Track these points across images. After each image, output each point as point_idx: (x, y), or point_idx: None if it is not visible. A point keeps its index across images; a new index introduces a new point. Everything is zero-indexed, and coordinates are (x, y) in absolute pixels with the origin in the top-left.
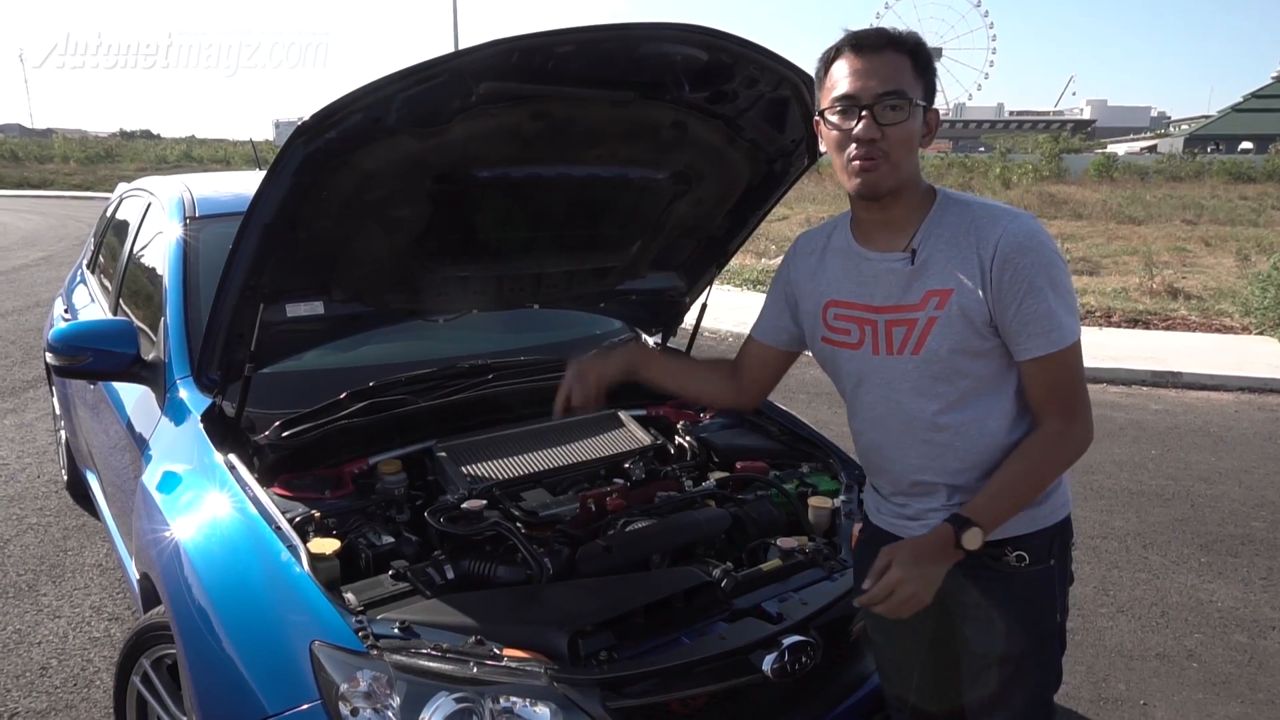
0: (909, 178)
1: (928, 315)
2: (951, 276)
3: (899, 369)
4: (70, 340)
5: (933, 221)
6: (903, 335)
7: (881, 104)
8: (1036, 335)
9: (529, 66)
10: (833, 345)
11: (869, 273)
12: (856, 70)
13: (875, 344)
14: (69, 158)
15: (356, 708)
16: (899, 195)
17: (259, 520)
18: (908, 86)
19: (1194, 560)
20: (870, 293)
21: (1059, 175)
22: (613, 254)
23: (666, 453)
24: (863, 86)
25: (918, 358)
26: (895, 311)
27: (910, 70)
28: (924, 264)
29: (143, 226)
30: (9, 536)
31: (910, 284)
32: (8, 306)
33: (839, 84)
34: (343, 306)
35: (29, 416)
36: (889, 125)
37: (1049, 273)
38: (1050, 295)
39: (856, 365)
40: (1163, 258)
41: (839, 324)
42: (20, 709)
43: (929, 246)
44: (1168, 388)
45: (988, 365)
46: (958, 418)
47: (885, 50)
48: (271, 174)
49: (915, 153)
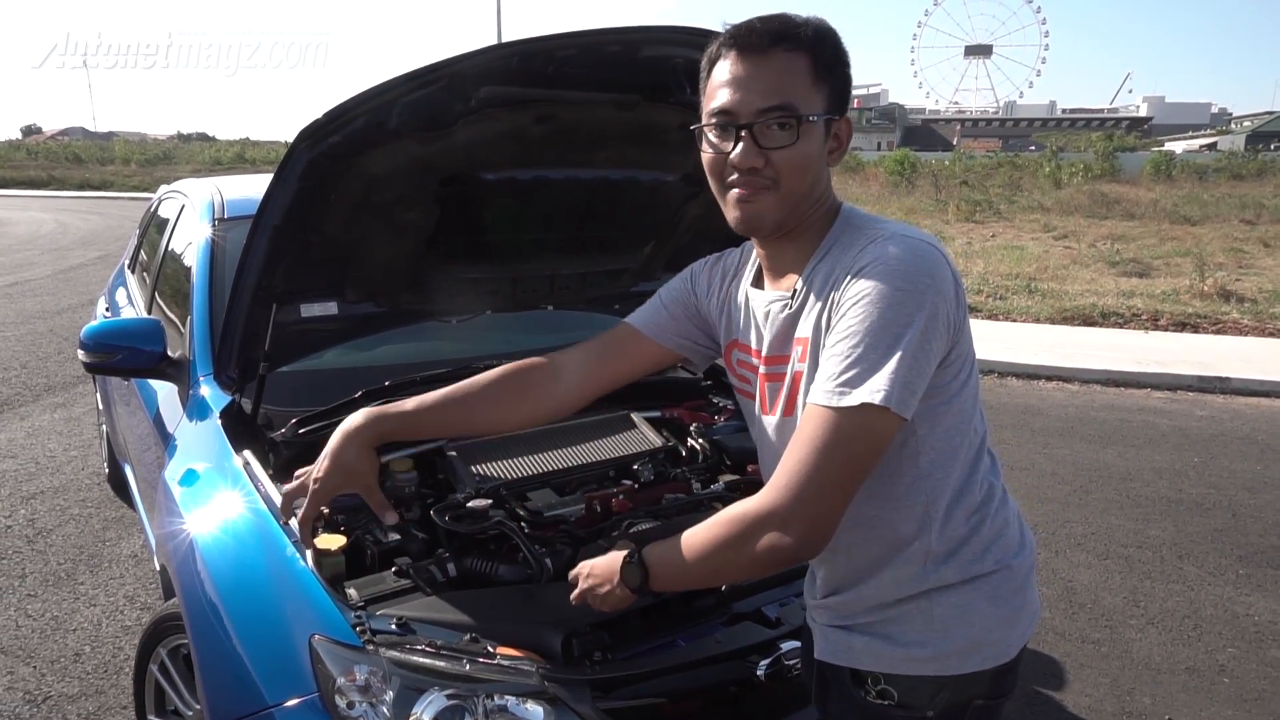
0: (804, 207)
1: (793, 370)
2: (809, 321)
3: (776, 431)
4: (101, 338)
5: (821, 253)
6: (775, 391)
7: (764, 122)
8: (823, 379)
9: (530, 71)
10: (739, 393)
11: (759, 314)
12: (736, 78)
13: (762, 398)
14: (129, 160)
15: (352, 701)
16: (794, 230)
17: (268, 516)
18: (800, 98)
19: (1232, 572)
20: (758, 337)
21: (1113, 174)
22: (625, 256)
23: (678, 455)
24: (741, 101)
25: (789, 420)
26: (771, 363)
27: (807, 74)
28: (800, 306)
29: (177, 227)
30: (52, 526)
31: (788, 330)
32: (64, 304)
33: (716, 94)
34: (357, 307)
35: (77, 411)
36: (775, 149)
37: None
38: (855, 340)
39: (752, 419)
40: (1217, 259)
41: (739, 369)
42: (54, 692)
43: (808, 284)
44: (1215, 393)
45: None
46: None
47: (773, 51)
48: (278, 178)
49: (818, 177)
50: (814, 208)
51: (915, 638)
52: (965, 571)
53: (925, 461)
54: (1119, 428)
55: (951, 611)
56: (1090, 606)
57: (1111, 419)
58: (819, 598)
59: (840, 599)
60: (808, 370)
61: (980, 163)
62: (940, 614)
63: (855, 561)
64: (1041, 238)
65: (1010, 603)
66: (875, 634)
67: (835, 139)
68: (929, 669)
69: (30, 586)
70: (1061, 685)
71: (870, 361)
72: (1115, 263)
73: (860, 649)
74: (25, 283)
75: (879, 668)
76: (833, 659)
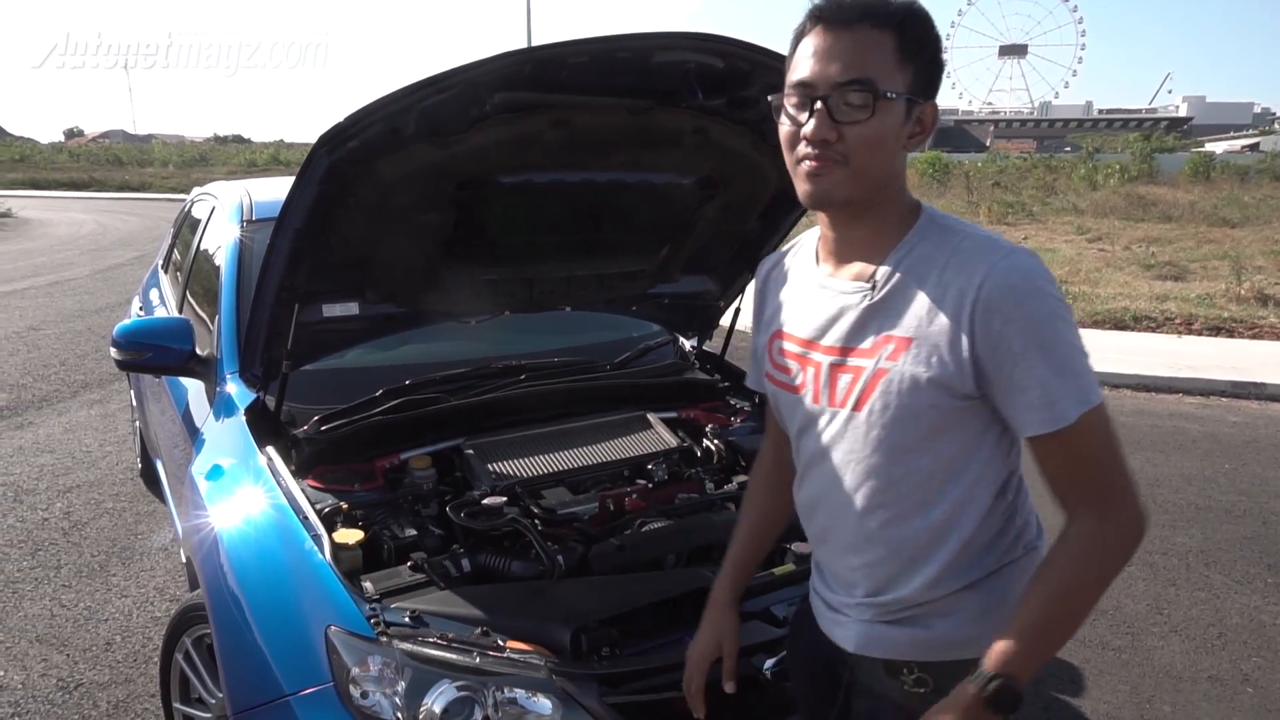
0: (877, 189)
1: (877, 366)
2: (913, 321)
3: (839, 426)
4: (132, 336)
5: (906, 247)
6: (846, 385)
7: (840, 95)
8: (1035, 408)
9: (543, 77)
10: (775, 384)
11: (821, 302)
12: (819, 50)
13: (817, 391)
14: (167, 162)
15: (366, 690)
16: (865, 210)
17: (288, 510)
18: (881, 74)
19: (1260, 580)
20: (820, 327)
21: (1150, 175)
22: (642, 258)
23: (692, 455)
24: (820, 72)
25: (860, 415)
26: (841, 354)
27: (892, 52)
28: (885, 300)
29: (207, 229)
30: (87, 519)
31: (866, 323)
32: (102, 303)
33: (799, 66)
34: (377, 307)
35: (113, 407)
36: (848, 124)
37: (1051, 326)
38: (1056, 355)
39: (799, 413)
40: (1256, 262)
41: (782, 360)
42: (85, 680)
43: (895, 279)
44: (1249, 399)
45: (944, 439)
46: (895, 498)
47: (858, 25)
48: (298, 182)
49: (892, 158)
50: (886, 192)
51: (955, 625)
52: (1000, 559)
53: (985, 453)
54: (1148, 433)
55: (988, 598)
56: (1112, 613)
57: (1141, 424)
58: (860, 597)
59: (887, 597)
60: (908, 372)
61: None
62: (978, 601)
63: (903, 556)
64: (1075, 240)
65: None
66: (916, 625)
67: (918, 123)
68: (967, 654)
69: (65, 578)
70: (1080, 692)
71: (1069, 372)
72: (1150, 266)
73: (902, 640)
74: (65, 282)
75: (918, 657)
76: (869, 651)
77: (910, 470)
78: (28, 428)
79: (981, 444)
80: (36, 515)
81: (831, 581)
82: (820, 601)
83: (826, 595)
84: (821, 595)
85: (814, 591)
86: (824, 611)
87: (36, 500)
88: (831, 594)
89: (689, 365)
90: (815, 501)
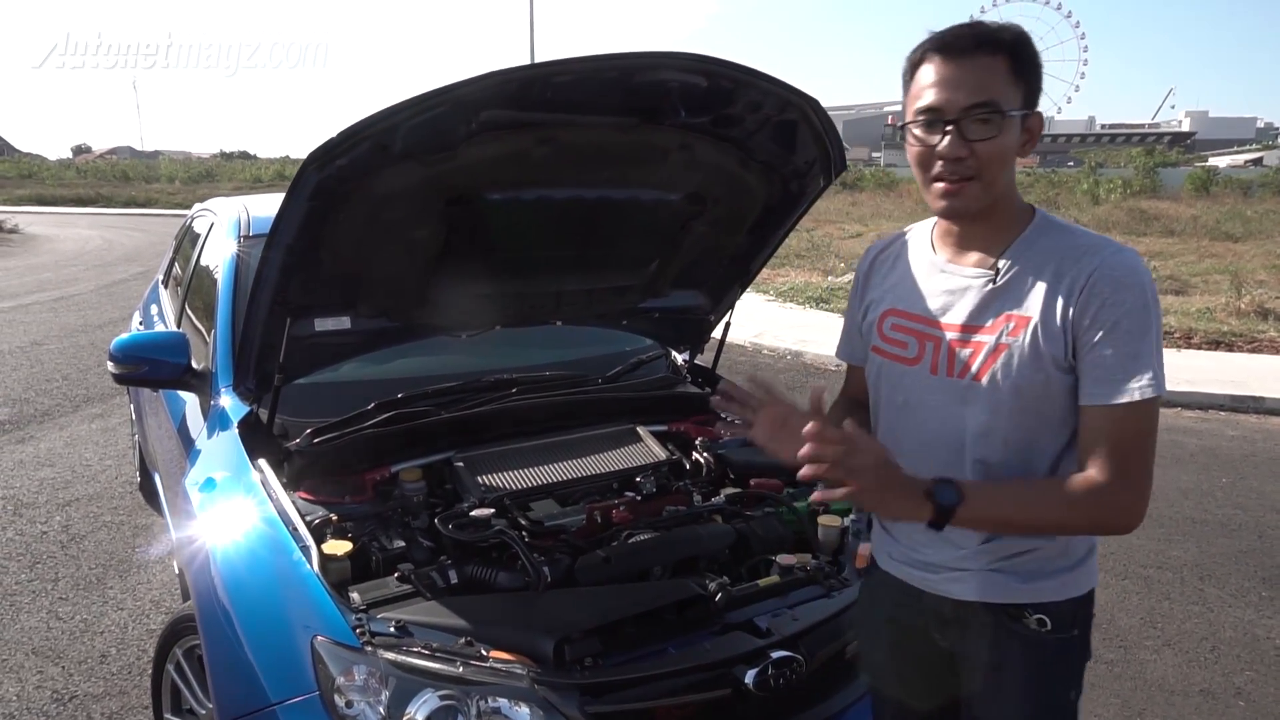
0: (1002, 195)
1: (998, 341)
2: (1034, 303)
3: (955, 393)
4: (128, 350)
5: (1026, 242)
6: (966, 357)
7: (970, 118)
8: (1105, 381)
9: (528, 96)
10: (883, 357)
11: (943, 285)
12: (943, 79)
13: (935, 362)
14: (173, 178)
15: (351, 700)
16: (988, 213)
17: (278, 522)
18: (1002, 95)
19: (1254, 594)
20: (940, 306)
21: (1153, 190)
22: (631, 273)
23: (681, 468)
24: (948, 99)
25: (979, 385)
26: (964, 331)
27: (1006, 74)
28: (1007, 285)
29: (206, 244)
30: (86, 532)
31: (988, 304)
32: (105, 318)
33: (923, 94)
34: (369, 322)
35: (113, 421)
36: (979, 141)
37: (1141, 317)
38: (1135, 341)
39: (908, 382)
40: (1258, 276)
41: (895, 335)
42: (80, 692)
43: (1016, 267)
44: (1248, 413)
45: (1053, 409)
46: (1009, 459)
47: (976, 54)
48: (289, 198)
49: (1011, 167)
50: (1007, 196)
51: (1063, 565)
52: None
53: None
54: None
55: (1083, 543)
56: (1105, 626)
57: None
58: (976, 545)
59: (1003, 541)
60: (1027, 346)
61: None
62: (1074, 540)
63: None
64: None
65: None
66: (1029, 570)
67: (1027, 132)
68: (1073, 591)
69: (62, 590)
70: None
71: (1150, 360)
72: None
73: (1018, 585)
74: (70, 297)
75: (1036, 599)
76: (991, 597)
77: (1022, 431)
78: (29, 441)
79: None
80: (35, 529)
81: (934, 542)
82: (914, 568)
83: (927, 557)
84: (918, 559)
85: (898, 564)
86: (923, 575)
87: (36, 514)
88: (935, 553)
89: (681, 379)
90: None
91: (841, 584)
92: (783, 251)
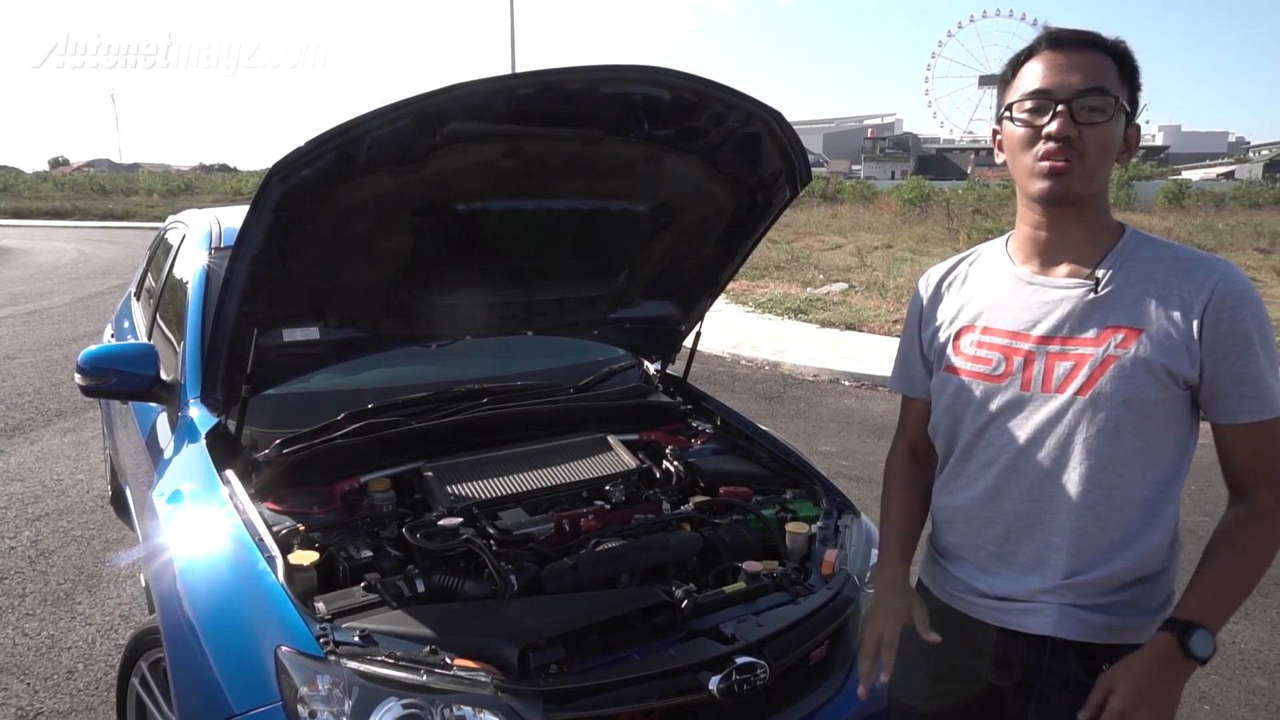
0: (1099, 192)
1: (1105, 353)
2: (1144, 316)
3: (1054, 410)
4: (96, 362)
5: (1123, 252)
6: (1067, 371)
7: (1081, 101)
8: (1251, 398)
9: (491, 108)
10: (963, 375)
11: (1034, 298)
12: (1055, 65)
13: (1028, 378)
14: (152, 190)
15: (314, 710)
16: (1085, 212)
17: (244, 533)
18: (1112, 86)
19: None
20: (1031, 319)
21: (1128, 203)
22: (601, 283)
23: (651, 476)
24: (1061, 81)
25: (1083, 399)
26: (1063, 344)
27: (1115, 73)
28: (1109, 296)
29: (178, 256)
30: (55, 547)
31: (1089, 315)
32: (80, 331)
33: (1035, 77)
34: (338, 332)
35: (85, 435)
36: (1088, 125)
37: (1264, 330)
38: (1264, 356)
39: (994, 400)
40: None
41: (976, 351)
42: (45, 708)
43: (1118, 279)
44: None
45: (1159, 425)
46: (1112, 478)
47: (1088, 49)
48: (254, 208)
49: (1111, 165)
50: (1100, 199)
51: (1139, 614)
52: (1166, 562)
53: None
54: None
55: (1163, 591)
56: None
57: None
58: (1059, 579)
59: (1087, 576)
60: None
61: (994, 192)
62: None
63: (1111, 536)
64: None
65: None
66: (1110, 611)
67: (1125, 141)
68: (1145, 636)
69: (29, 606)
70: None
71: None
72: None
73: (1097, 623)
74: (44, 311)
75: (1111, 640)
76: (1066, 634)
77: (1127, 450)
78: None
79: (1183, 434)
80: (3, 544)
81: (1011, 571)
82: (985, 599)
83: (1001, 588)
84: (987, 589)
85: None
86: (991, 606)
87: (4, 529)
88: (1010, 583)
89: (652, 389)
90: (1001, 488)
91: (807, 590)
92: (762, 263)
